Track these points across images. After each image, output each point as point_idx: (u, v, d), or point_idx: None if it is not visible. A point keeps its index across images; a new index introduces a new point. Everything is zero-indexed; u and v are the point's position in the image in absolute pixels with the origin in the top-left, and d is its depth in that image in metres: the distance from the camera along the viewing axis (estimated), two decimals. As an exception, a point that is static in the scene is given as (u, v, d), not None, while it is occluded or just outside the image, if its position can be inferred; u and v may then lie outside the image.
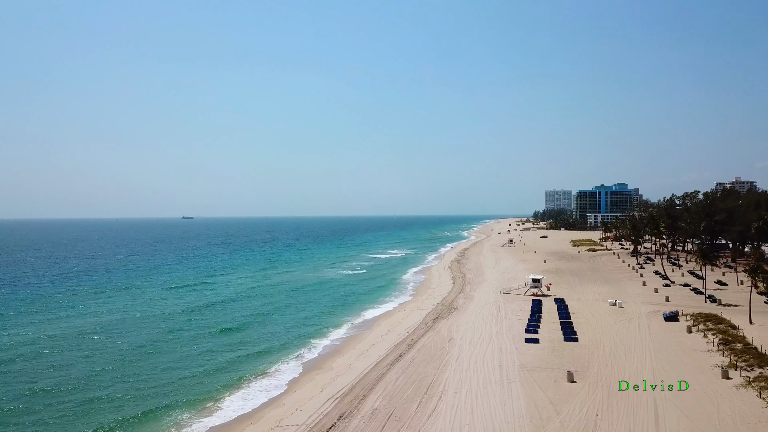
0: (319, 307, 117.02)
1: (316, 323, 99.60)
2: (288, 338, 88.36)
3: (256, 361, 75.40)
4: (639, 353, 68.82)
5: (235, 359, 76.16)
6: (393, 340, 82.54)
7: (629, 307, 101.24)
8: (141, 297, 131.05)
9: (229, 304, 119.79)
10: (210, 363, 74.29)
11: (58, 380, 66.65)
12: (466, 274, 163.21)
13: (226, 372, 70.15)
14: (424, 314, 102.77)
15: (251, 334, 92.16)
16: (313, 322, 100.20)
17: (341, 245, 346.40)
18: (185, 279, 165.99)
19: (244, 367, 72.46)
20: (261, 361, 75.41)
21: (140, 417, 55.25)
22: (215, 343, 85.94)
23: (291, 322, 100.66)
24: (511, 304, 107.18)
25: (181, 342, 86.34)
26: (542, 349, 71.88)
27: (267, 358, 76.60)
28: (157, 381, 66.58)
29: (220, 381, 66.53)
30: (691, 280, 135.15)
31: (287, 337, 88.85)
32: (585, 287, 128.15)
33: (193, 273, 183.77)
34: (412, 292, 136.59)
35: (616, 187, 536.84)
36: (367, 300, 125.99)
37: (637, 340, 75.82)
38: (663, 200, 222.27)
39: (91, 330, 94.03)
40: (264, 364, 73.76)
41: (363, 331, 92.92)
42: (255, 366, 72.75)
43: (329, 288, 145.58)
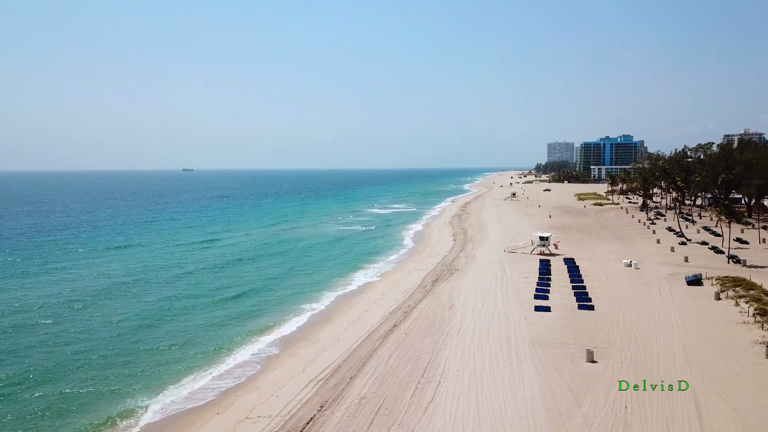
0: (310, 267, 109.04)
1: (306, 286, 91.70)
2: (273, 303, 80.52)
3: (233, 330, 67.64)
4: (665, 325, 60.85)
5: (210, 328, 68.45)
6: (388, 306, 74.69)
7: (645, 268, 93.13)
8: (124, 260, 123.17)
9: (210, 268, 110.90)
10: (181, 335, 66.53)
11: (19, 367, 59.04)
12: (467, 231, 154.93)
13: (196, 345, 62.32)
14: (423, 275, 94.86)
15: (233, 298, 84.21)
16: (302, 285, 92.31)
17: (340, 199, 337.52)
18: (169, 240, 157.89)
19: (219, 338, 64.72)
20: (239, 330, 67.65)
21: (85, 401, 47.65)
22: (186, 309, 78.12)
23: (277, 285, 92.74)
24: (517, 265, 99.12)
25: (151, 316, 78.56)
26: (554, 320, 63.96)
27: (246, 327, 68.86)
28: (113, 360, 58.92)
29: (188, 357, 58.80)
30: (707, 237, 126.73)
31: (271, 302, 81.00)
32: (595, 245, 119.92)
33: (182, 232, 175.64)
34: (411, 251, 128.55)
35: (622, 138, 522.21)
36: (363, 259, 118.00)
37: (660, 308, 67.81)
38: (674, 152, 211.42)
39: (63, 298, 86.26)
40: (241, 335, 65.97)
41: (356, 295, 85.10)
42: (231, 337, 65.01)
43: (323, 246, 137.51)
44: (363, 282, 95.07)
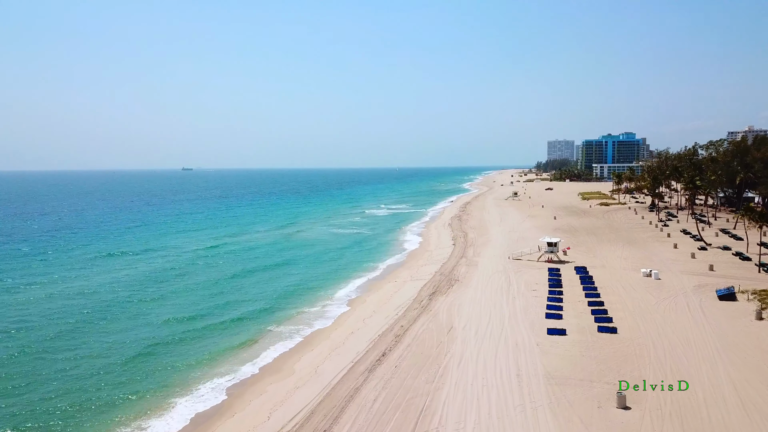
0: (295, 277, 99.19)
1: (286, 301, 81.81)
2: (244, 323, 70.58)
3: (192, 356, 57.98)
4: (704, 354, 51.22)
5: (161, 355, 58.72)
6: (378, 327, 65.04)
7: (667, 278, 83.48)
8: (78, 270, 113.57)
9: (169, 281, 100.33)
10: (123, 373, 56.88)
11: None
12: (468, 233, 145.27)
13: (140, 380, 52.58)
14: (419, 287, 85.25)
15: (200, 318, 74.48)
16: (283, 300, 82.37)
17: (336, 199, 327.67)
18: (121, 247, 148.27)
19: (173, 369, 55.04)
20: (198, 358, 57.97)
21: None
22: (135, 337, 68.41)
23: (255, 299, 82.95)
24: (524, 274, 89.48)
25: (77, 337, 68.97)
26: (571, 346, 54.33)
27: (208, 352, 59.16)
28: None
29: (123, 398, 49.08)
30: (728, 241, 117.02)
31: (242, 322, 71.03)
32: (606, 250, 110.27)
33: (140, 239, 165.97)
34: (407, 256, 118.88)
35: (624, 136, 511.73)
36: (354, 267, 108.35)
37: (694, 330, 58.19)
38: (684, 149, 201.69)
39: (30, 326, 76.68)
40: (201, 363, 56.28)
41: (344, 311, 75.43)
42: (189, 366, 55.33)
43: (313, 251, 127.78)
44: (354, 294, 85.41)
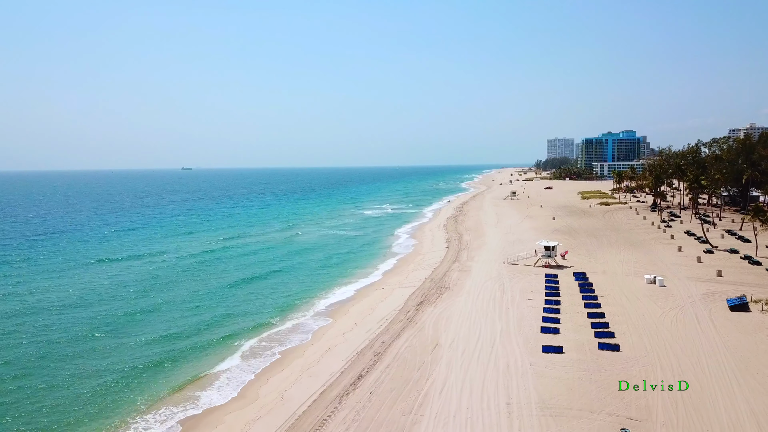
0: (277, 286, 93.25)
1: (264, 313, 75.81)
2: (215, 338, 64.72)
3: (148, 380, 52.30)
4: (719, 377, 45.52)
5: (112, 392, 52.89)
6: (357, 343, 59.36)
7: (672, 285, 77.76)
8: (42, 276, 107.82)
9: (147, 292, 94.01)
10: (60, 402, 51.15)
11: None
12: (463, 235, 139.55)
13: (84, 409, 46.92)
14: (407, 295, 79.58)
15: (168, 338, 68.72)
16: (260, 312, 76.34)
17: (333, 199, 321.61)
18: (104, 253, 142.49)
19: (126, 396, 49.36)
20: (155, 381, 52.28)
21: None
22: (89, 363, 62.65)
23: (230, 312, 77.09)
24: (519, 281, 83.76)
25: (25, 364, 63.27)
26: (569, 367, 48.62)
27: (171, 384, 53.41)
28: None
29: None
30: (735, 243, 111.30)
31: (214, 338, 65.18)
32: (607, 253, 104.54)
33: (126, 244, 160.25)
34: (398, 261, 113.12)
35: (624, 134, 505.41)
36: (342, 272, 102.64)
37: (705, 347, 52.48)
38: (687, 146, 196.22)
39: None
40: (158, 397, 50.52)
41: (323, 324, 69.71)
42: (142, 392, 49.63)
43: (300, 255, 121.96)
44: (337, 303, 79.64)
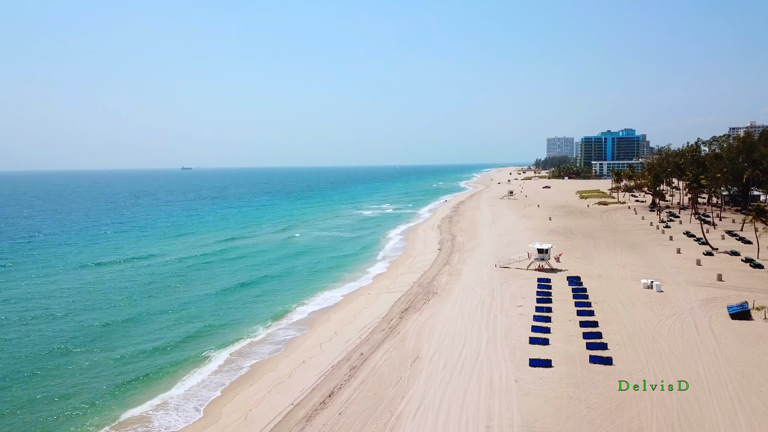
0: (259, 290, 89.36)
1: (241, 321, 72.06)
2: (181, 349, 61.05)
3: (106, 393, 48.79)
4: (719, 394, 41.95)
5: (54, 415, 49.45)
6: (334, 355, 55.82)
7: (671, 290, 74.18)
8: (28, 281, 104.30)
9: (125, 299, 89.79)
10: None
11: None
12: (456, 237, 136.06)
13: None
14: (393, 301, 76.12)
15: (132, 349, 65.20)
16: (238, 320, 72.50)
17: (329, 199, 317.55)
18: (88, 257, 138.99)
19: (75, 417, 45.87)
20: (110, 413, 48.75)
21: None
22: (45, 380, 59.17)
23: (207, 320, 73.40)
24: (510, 285, 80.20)
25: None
26: (557, 383, 45.06)
27: (125, 403, 49.87)
28: None
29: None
30: (736, 245, 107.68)
31: (180, 348, 61.48)
32: (604, 256, 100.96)
33: (113, 246, 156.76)
34: (388, 264, 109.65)
35: (624, 132, 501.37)
36: (328, 276, 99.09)
37: (705, 359, 48.90)
38: (686, 145, 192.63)
39: None
40: (109, 418, 47.00)
41: (301, 333, 66.12)
42: (94, 407, 46.12)
43: (289, 259, 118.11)
44: (320, 310, 75.98)
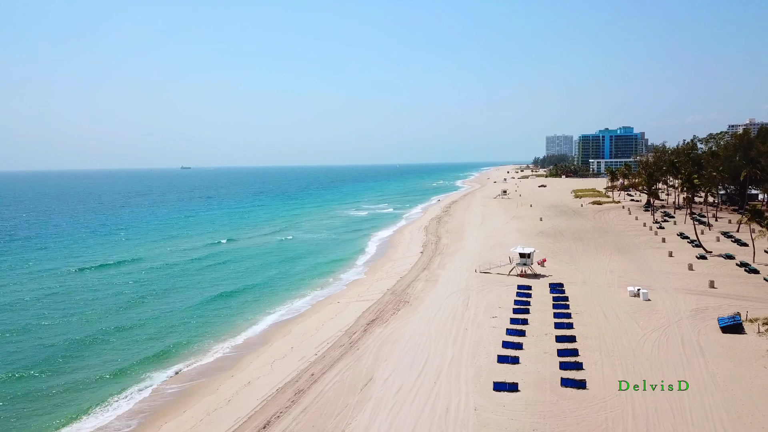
0: (222, 299, 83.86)
1: (191, 334, 66.60)
2: (126, 374, 55.53)
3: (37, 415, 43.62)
4: (705, 425, 36.74)
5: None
6: (284, 375, 50.61)
7: (659, 298, 68.97)
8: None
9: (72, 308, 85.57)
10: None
11: None
12: (441, 239, 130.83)
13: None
14: (362, 311, 71.01)
15: (55, 373, 60.01)
16: (193, 336, 66.79)
17: (322, 199, 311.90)
18: (60, 262, 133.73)
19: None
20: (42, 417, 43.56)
21: None
22: None
23: (161, 337, 68.07)
24: (488, 293, 74.99)
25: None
26: (522, 410, 39.86)
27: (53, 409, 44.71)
28: None
29: None
30: (731, 247, 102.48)
31: (126, 371, 55.97)
32: (592, 260, 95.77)
33: (91, 249, 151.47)
34: (367, 268, 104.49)
35: (622, 130, 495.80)
36: (301, 282, 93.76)
37: (691, 383, 43.63)
38: (682, 143, 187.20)
39: None
40: None
41: (255, 350, 60.76)
42: None
43: (264, 261, 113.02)
44: (278, 324, 70.38)
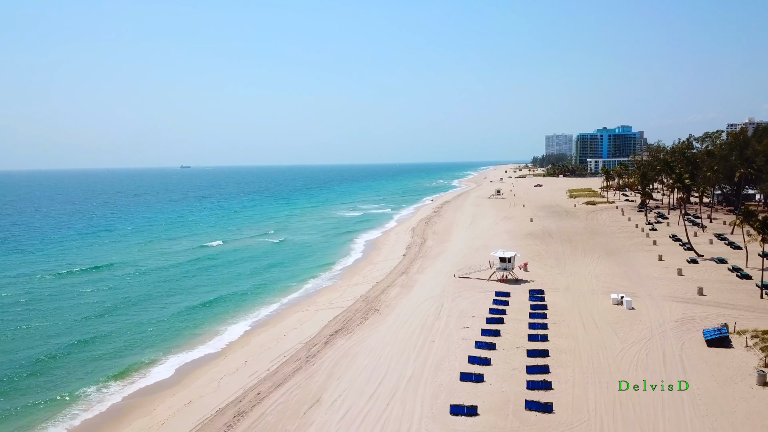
0: (183, 306, 78.74)
1: (141, 346, 62.35)
2: (63, 390, 51.64)
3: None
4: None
5: None
6: (228, 394, 46.49)
7: (644, 306, 64.79)
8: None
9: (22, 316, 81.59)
10: None
11: None
12: (426, 240, 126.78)
13: None
14: (329, 319, 67.03)
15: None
16: (135, 345, 62.58)
17: (314, 199, 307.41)
18: (29, 265, 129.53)
19: None
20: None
21: None
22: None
23: (109, 347, 64.06)
24: (463, 301, 70.81)
25: None
26: (478, 440, 35.71)
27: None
28: None
29: None
30: (724, 250, 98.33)
31: (63, 388, 52.06)
32: (579, 263, 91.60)
33: (67, 251, 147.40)
34: (344, 272, 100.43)
35: (620, 129, 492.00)
36: (274, 289, 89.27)
37: (669, 407, 39.46)
38: (678, 141, 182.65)
39: None
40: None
41: (207, 363, 56.62)
42: None
43: (242, 266, 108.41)
44: (240, 333, 66.31)
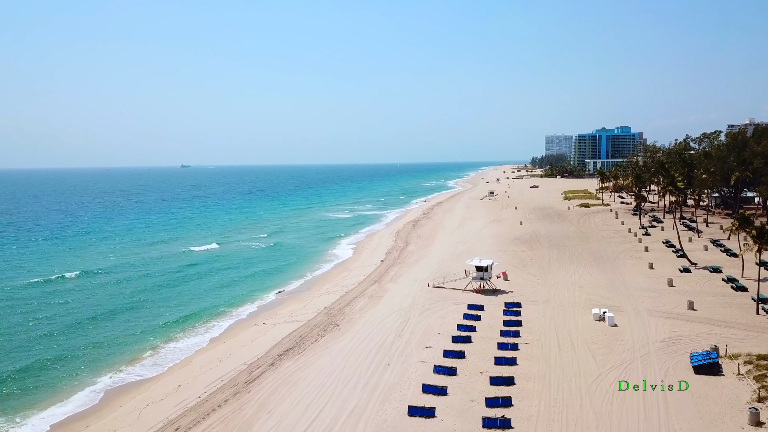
0: (134, 319, 73.61)
1: (70, 367, 56.67)
2: None
3: None
4: None
5: None
6: (145, 428, 40.66)
7: (627, 323, 58.86)
8: None
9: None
10: None
11: None
12: (409, 245, 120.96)
13: None
14: (284, 335, 61.40)
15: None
16: (66, 366, 57.08)
17: (306, 200, 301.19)
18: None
19: None
20: None
21: None
22: None
23: (31, 370, 58.25)
24: (432, 315, 64.88)
25: None
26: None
27: None
28: None
29: None
30: (719, 258, 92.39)
31: None
32: (564, 272, 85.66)
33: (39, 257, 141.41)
34: (315, 280, 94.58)
35: (619, 130, 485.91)
36: (235, 298, 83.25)
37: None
38: (675, 142, 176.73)
39: None
40: None
41: (140, 386, 50.80)
42: None
43: (214, 274, 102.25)
44: (179, 352, 60.30)
